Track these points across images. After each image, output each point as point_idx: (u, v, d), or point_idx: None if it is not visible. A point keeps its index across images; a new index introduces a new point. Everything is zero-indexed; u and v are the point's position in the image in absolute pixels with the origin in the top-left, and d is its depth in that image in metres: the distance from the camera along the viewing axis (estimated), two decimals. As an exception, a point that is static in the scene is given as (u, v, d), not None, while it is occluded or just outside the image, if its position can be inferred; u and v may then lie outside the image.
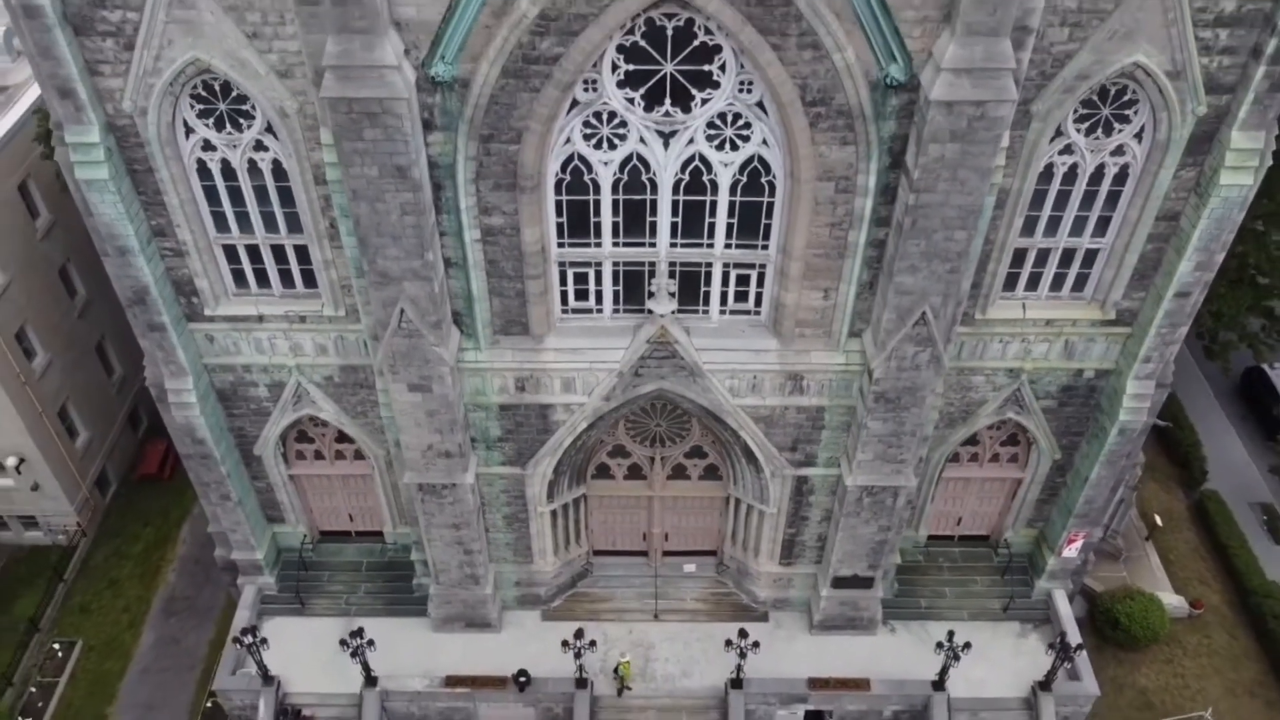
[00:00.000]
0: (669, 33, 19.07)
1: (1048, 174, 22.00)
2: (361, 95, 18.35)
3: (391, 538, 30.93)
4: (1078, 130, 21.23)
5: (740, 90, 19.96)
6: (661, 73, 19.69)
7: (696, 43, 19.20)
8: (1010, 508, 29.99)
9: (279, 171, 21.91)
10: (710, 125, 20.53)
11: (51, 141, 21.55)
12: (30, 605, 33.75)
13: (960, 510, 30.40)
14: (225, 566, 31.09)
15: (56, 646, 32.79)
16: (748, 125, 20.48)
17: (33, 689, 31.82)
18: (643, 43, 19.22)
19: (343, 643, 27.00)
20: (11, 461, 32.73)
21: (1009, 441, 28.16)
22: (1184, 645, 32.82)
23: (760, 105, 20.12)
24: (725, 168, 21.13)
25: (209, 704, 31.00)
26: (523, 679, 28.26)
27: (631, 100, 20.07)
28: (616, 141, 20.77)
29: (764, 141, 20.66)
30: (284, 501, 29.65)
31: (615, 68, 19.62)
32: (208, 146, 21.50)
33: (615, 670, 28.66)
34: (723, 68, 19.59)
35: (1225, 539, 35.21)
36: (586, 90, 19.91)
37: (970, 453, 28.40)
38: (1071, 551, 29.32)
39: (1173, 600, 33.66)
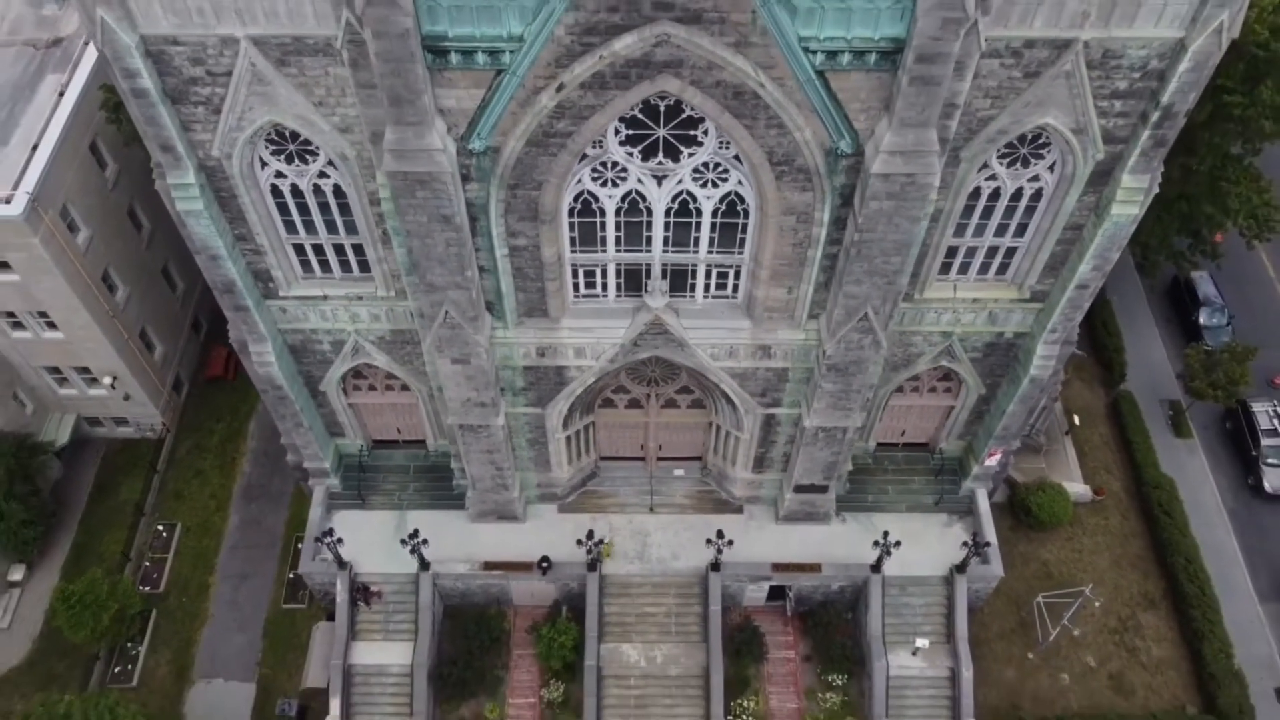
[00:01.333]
0: (661, 109, 23.15)
1: (976, 194, 26.49)
2: (415, 170, 22.74)
3: (433, 446, 37.06)
4: (1000, 164, 25.48)
5: (720, 147, 24.17)
6: (655, 135, 23.86)
7: (683, 116, 23.31)
8: (944, 425, 35.96)
9: (338, 191, 26.34)
10: (695, 170, 24.84)
11: (114, 105, 25.81)
12: (131, 492, 40.46)
13: (904, 426, 36.38)
14: (296, 468, 37.50)
15: (160, 528, 39.77)
16: (726, 171, 24.79)
17: (147, 563, 39.02)
18: (640, 115, 23.31)
19: (402, 541, 33.75)
20: (107, 380, 38.43)
21: (943, 379, 33.68)
22: (1085, 526, 39.72)
23: (736, 158, 24.39)
24: (708, 200, 25.58)
25: (291, 575, 38.25)
26: (545, 564, 35.17)
27: (631, 154, 24.31)
28: (619, 182, 25.13)
29: (739, 181, 25.05)
30: (343, 421, 35.58)
31: (618, 132, 23.77)
32: (279, 175, 25.82)
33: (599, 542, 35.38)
34: (705, 132, 23.76)
35: (1132, 435, 41.43)
36: (594, 148, 24.10)
37: (912, 385, 33.98)
38: (991, 462, 35.52)
39: (1079, 489, 40.29)
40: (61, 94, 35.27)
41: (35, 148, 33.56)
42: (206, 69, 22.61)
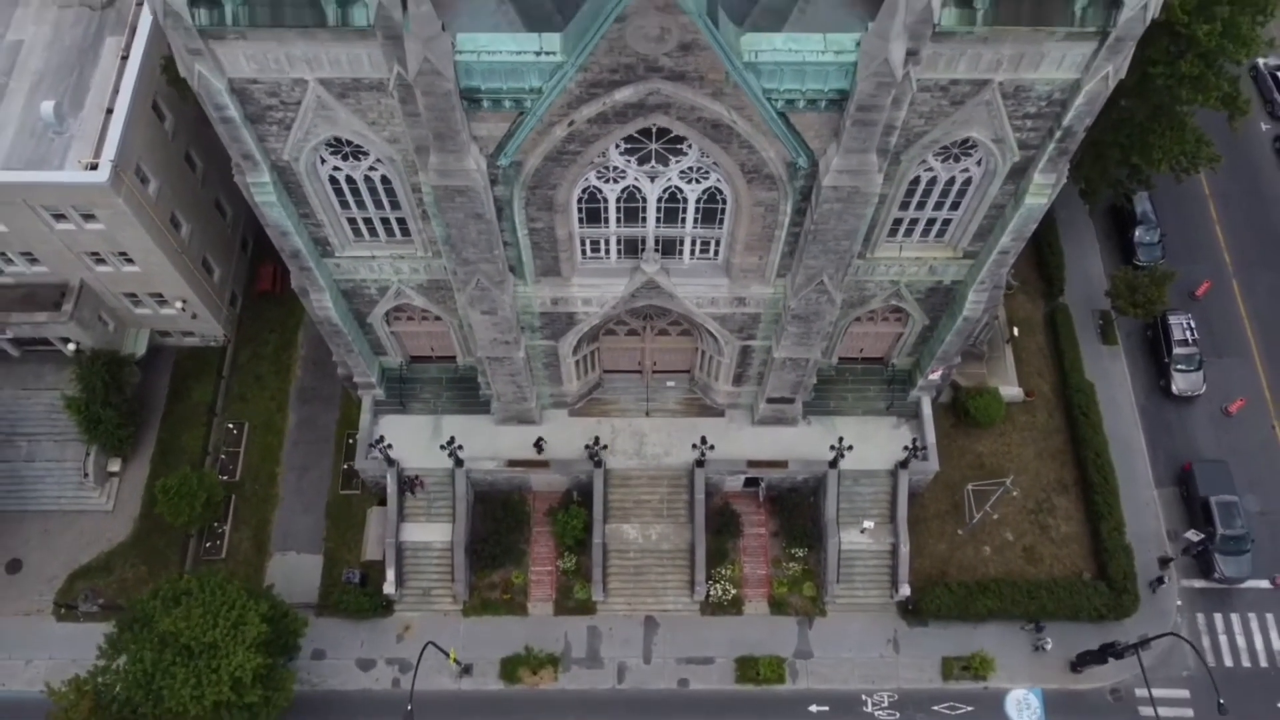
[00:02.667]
0: (653, 131, 28.05)
1: (916, 181, 31.57)
2: (454, 184, 27.97)
3: (462, 362, 43.23)
4: (935, 160, 30.53)
5: (701, 156, 29.16)
6: (649, 148, 28.85)
7: (671, 135, 28.23)
8: (895, 346, 42.06)
9: (385, 180, 31.41)
10: (682, 172, 29.94)
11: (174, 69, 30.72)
12: (202, 395, 46.96)
13: (861, 345, 42.45)
14: (346, 379, 43.84)
15: (231, 426, 46.50)
16: (707, 172, 29.88)
17: (222, 456, 45.97)
18: (636, 135, 28.24)
19: (441, 446, 40.54)
20: (179, 305, 44.17)
21: (894, 311, 39.49)
22: (1015, 423, 46.41)
23: (715, 164, 29.42)
24: (692, 192, 30.78)
25: (345, 466, 45.26)
26: (540, 440, 42.07)
27: (628, 161, 29.37)
28: (619, 179, 30.26)
29: (718, 180, 30.16)
30: (386, 344, 41.63)
31: (618, 146, 28.74)
32: (336, 169, 30.87)
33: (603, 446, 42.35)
34: (690, 147, 28.73)
35: (1063, 344, 47.52)
36: (598, 158, 29.10)
37: (868, 317, 39.77)
38: (934, 377, 41.80)
39: (1013, 391, 46.78)
40: (125, 58, 39.42)
41: (110, 112, 38.16)
42: (280, 100, 27.46)
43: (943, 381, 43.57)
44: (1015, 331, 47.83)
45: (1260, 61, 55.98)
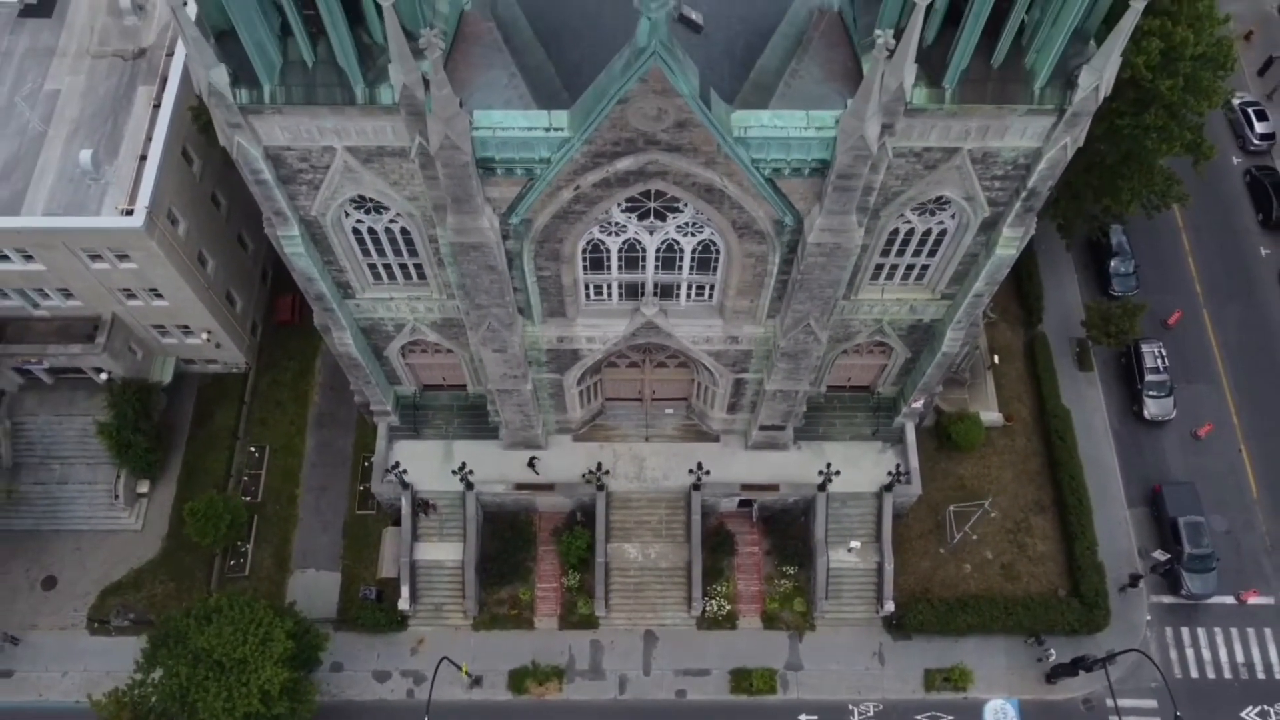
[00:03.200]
0: (652, 192, 30.51)
1: (895, 232, 34.00)
2: (469, 241, 30.42)
3: (471, 389, 45.62)
4: (913, 214, 32.97)
5: (696, 213, 31.61)
6: (647, 207, 31.30)
7: (668, 196, 30.68)
8: (880, 375, 44.48)
9: (404, 231, 33.83)
10: (678, 226, 32.39)
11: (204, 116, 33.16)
12: (225, 419, 49.42)
13: (848, 375, 44.86)
14: (362, 406, 46.27)
15: (253, 449, 48.95)
16: (702, 226, 32.32)
17: (245, 478, 48.43)
18: (636, 195, 30.68)
19: (453, 472, 42.99)
20: (204, 335, 46.62)
21: (878, 345, 41.92)
22: (995, 446, 48.85)
23: (709, 220, 31.86)
24: (688, 244, 33.22)
25: (361, 488, 47.70)
26: (534, 459, 44.52)
27: (629, 217, 31.81)
28: (620, 232, 32.70)
29: (711, 234, 32.60)
30: (400, 374, 44.04)
31: (619, 204, 31.18)
32: (359, 222, 33.32)
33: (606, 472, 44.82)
34: (685, 205, 31.17)
35: (1041, 371, 49.95)
36: (602, 215, 31.55)
37: (854, 350, 42.18)
38: (917, 405, 44.26)
39: (993, 416, 49.22)
40: (157, 106, 41.89)
41: (143, 159, 40.63)
42: (310, 164, 29.91)
43: (925, 409, 46.02)
44: (996, 359, 50.29)
45: (1234, 99, 58.50)
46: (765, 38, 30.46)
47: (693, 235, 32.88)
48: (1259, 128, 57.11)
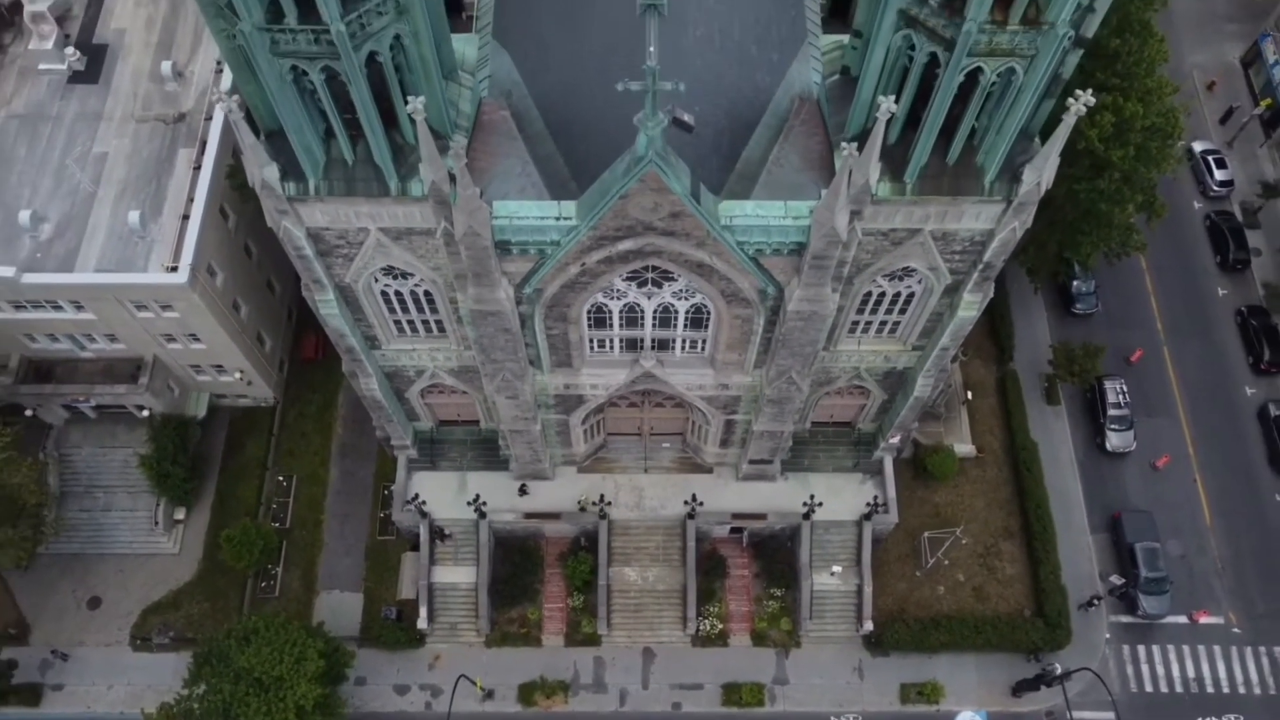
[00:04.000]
0: (649, 265, 34.20)
1: (868, 295, 37.66)
2: (487, 309, 34.11)
3: (484, 425, 49.26)
4: (884, 279, 36.63)
5: (689, 283, 35.29)
6: (645, 276, 34.99)
7: (663, 269, 34.38)
8: (860, 413, 48.13)
9: (428, 294, 37.49)
10: (673, 292, 36.06)
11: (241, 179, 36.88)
12: (255, 450, 53.07)
13: (831, 412, 48.48)
14: (383, 440, 49.92)
15: (281, 478, 52.60)
16: (694, 293, 35.98)
17: (274, 505, 52.08)
18: (635, 268, 34.37)
19: (468, 503, 46.68)
20: (238, 374, 50.31)
21: (856, 388, 45.56)
22: (968, 476, 52.46)
23: (700, 289, 35.52)
24: (682, 307, 36.89)
25: (382, 514, 51.36)
26: (523, 490, 48.20)
27: (629, 285, 35.49)
28: (621, 297, 36.38)
29: (703, 299, 36.27)
30: (419, 412, 47.70)
31: (620, 275, 34.86)
32: (387, 286, 37.00)
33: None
34: (679, 276, 34.84)
35: (1011, 406, 53.59)
36: (605, 284, 35.24)
37: (836, 391, 45.86)
38: (893, 441, 47.90)
39: (966, 448, 52.86)
40: (197, 169, 45.54)
41: (185, 219, 44.32)
42: (347, 241, 33.61)
43: (902, 443, 49.64)
44: (969, 395, 53.91)
45: (1195, 146, 62.20)
46: (750, 129, 34.27)
47: (686, 300, 36.57)
48: (1218, 175, 60.77)
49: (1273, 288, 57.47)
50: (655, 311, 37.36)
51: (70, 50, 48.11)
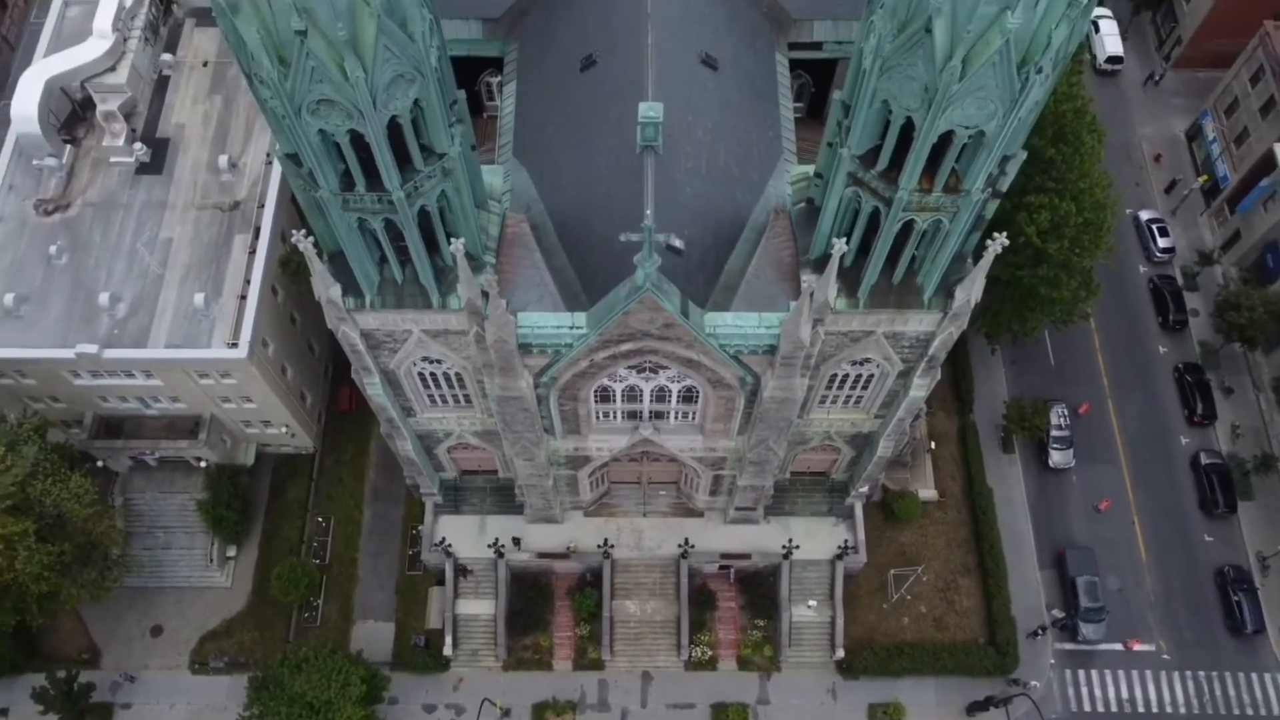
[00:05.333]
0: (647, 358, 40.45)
1: (834, 376, 43.85)
2: (511, 395, 40.32)
3: (502, 474, 55.40)
4: (846, 365, 42.82)
5: (680, 371, 41.46)
6: (644, 365, 41.19)
7: (658, 361, 40.59)
8: (833, 466, 54.30)
9: (459, 375, 43.68)
10: (667, 376, 42.25)
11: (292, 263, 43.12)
12: (297, 494, 59.23)
13: (807, 465, 54.60)
14: (412, 486, 56.10)
15: (320, 519, 58.75)
16: (685, 378, 42.16)
17: (315, 544, 58.26)
18: (635, 361, 40.57)
19: (489, 545, 52.88)
20: (284, 429, 56.53)
21: (828, 446, 51.72)
22: (931, 518, 58.59)
23: (690, 376, 41.72)
24: (675, 388, 43.06)
25: (410, 553, 57.52)
26: (514, 542, 54.24)
27: (630, 371, 41.66)
28: (622, 380, 42.55)
29: (693, 382, 42.46)
30: (445, 464, 53.91)
31: (623, 365, 41.08)
32: (423, 369, 43.19)
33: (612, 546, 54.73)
34: (672, 366, 41.05)
35: (970, 454, 59.75)
36: (609, 372, 41.47)
37: (810, 449, 52.01)
38: (863, 490, 54.07)
39: (930, 493, 59.01)
40: (252, 252, 51.73)
41: (243, 299, 50.47)
42: (393, 338, 39.79)
43: (871, 491, 55.87)
44: (933, 444, 60.08)
45: (1141, 215, 68.36)
46: (732, 243, 40.36)
47: (678, 383, 42.74)
48: (1161, 242, 66.91)
49: (1208, 346, 63.70)
50: (652, 391, 43.54)
51: (138, 145, 54.39)
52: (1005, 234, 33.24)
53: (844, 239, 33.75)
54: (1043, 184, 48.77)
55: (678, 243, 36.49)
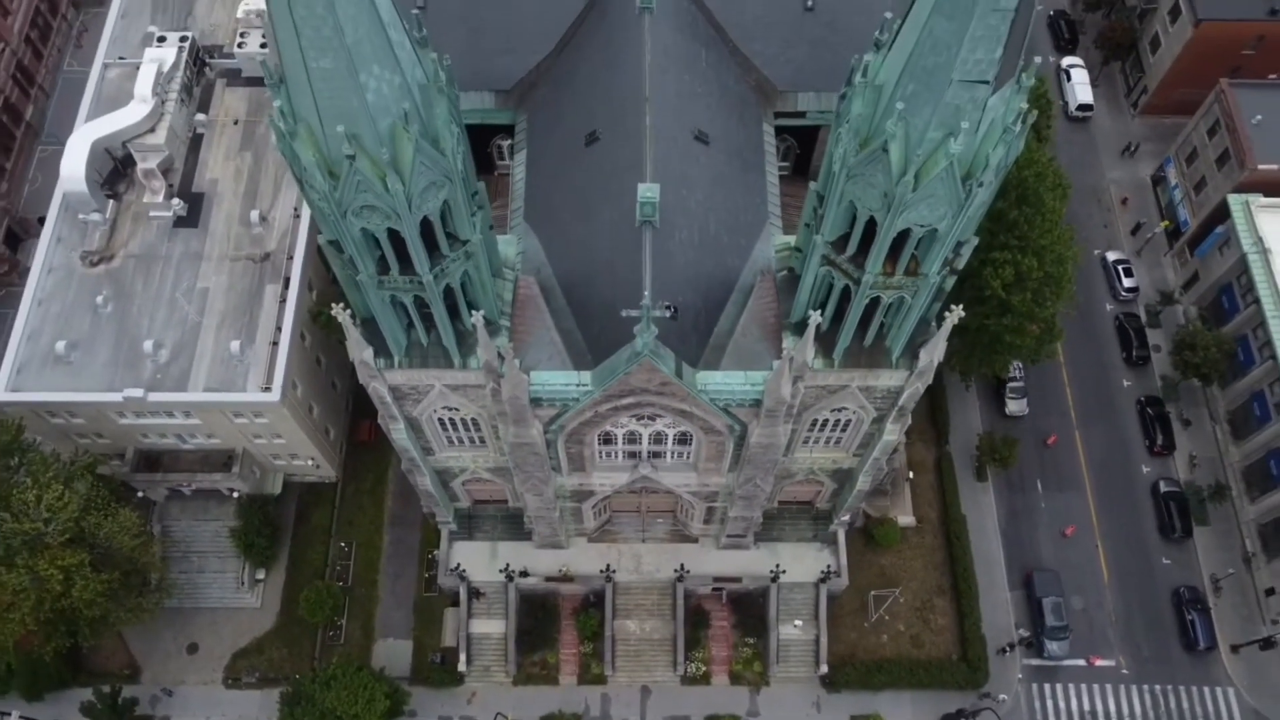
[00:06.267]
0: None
1: (815, 420, 48.21)
2: (523, 442, 44.68)
3: (512, 504, 59.71)
4: (825, 411, 47.18)
5: (675, 419, 45.81)
6: (643, 414, 45.53)
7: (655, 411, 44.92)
8: (817, 496, 58.66)
9: (475, 419, 48.00)
10: (663, 423, 46.59)
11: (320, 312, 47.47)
12: (321, 520, 63.54)
13: (793, 495, 58.94)
14: (428, 513, 60.43)
15: (343, 544, 63.09)
16: (680, 424, 46.50)
17: (338, 567, 62.58)
18: (634, 412, 44.91)
19: (500, 570, 57.22)
20: (310, 461, 60.87)
21: (812, 479, 56.07)
22: (909, 543, 62.94)
23: (684, 423, 46.07)
24: (671, 432, 47.40)
25: (426, 575, 61.85)
26: (524, 573, 58.52)
27: (629, 419, 45.97)
28: (623, 426, 46.87)
29: (686, 428, 46.81)
30: (459, 495, 58.24)
31: (623, 415, 45.43)
32: (442, 415, 47.51)
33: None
34: (668, 414, 45.40)
35: (946, 483, 64.11)
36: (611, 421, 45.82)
37: (796, 482, 56.37)
38: (845, 519, 58.42)
39: (908, 519, 63.35)
40: (283, 301, 56.05)
41: (275, 345, 54.78)
42: (417, 391, 44.13)
43: (853, 519, 60.24)
44: (911, 474, 64.45)
45: (1109, 256, 72.77)
46: (722, 305, 44.71)
47: (674, 428, 47.05)
48: (1126, 282, 71.32)
49: (1169, 380, 68.05)
50: (650, 435, 47.85)
51: (175, 200, 58.72)
52: (962, 306, 37.89)
53: (819, 310, 38.25)
54: (1007, 241, 53.14)
55: (673, 308, 40.99)
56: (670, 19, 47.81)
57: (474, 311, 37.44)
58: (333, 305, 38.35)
